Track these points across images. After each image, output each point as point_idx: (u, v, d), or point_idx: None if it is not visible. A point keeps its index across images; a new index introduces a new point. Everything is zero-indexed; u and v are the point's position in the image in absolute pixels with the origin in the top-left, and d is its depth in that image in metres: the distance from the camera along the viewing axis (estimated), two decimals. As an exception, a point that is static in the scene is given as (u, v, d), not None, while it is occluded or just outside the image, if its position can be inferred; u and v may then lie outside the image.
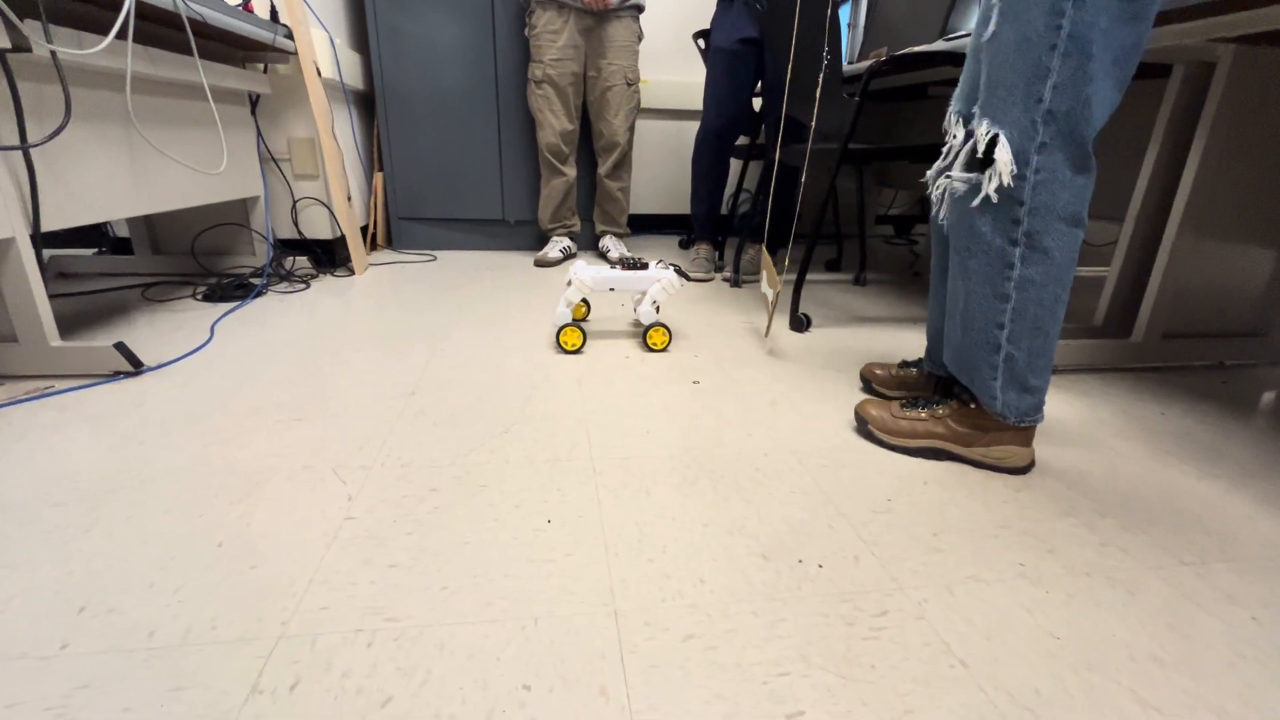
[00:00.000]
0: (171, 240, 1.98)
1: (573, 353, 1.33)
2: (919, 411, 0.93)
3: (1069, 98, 0.72)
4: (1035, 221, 0.77)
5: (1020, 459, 0.89)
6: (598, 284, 1.36)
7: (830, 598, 0.64)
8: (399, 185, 2.37)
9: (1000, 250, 0.80)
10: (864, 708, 0.52)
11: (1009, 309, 0.82)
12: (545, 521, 0.75)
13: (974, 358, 0.87)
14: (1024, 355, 0.83)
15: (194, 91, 1.53)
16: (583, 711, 0.50)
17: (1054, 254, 0.78)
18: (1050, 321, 0.82)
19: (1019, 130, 0.75)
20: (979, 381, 0.88)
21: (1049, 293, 0.80)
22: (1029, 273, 0.80)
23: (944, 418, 0.92)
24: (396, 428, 0.97)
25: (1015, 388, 0.85)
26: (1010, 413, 0.86)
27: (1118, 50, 0.70)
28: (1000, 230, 0.80)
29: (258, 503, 0.77)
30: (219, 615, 0.59)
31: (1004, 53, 0.75)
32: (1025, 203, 0.77)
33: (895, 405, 0.96)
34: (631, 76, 2.17)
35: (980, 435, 0.89)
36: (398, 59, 2.22)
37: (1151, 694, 0.54)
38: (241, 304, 1.63)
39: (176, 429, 0.95)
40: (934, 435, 0.91)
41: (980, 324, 0.85)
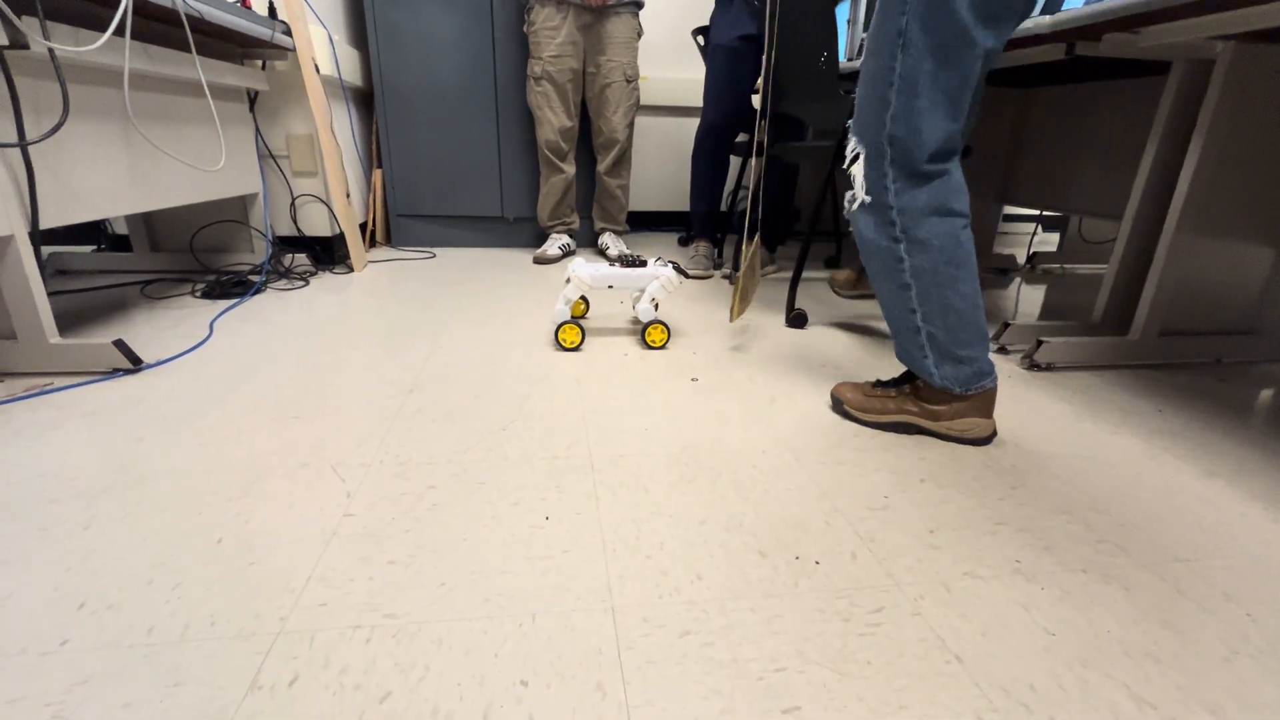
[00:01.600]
0: (170, 237, 1.97)
1: (571, 350, 1.33)
2: (889, 391, 1.02)
3: (903, 126, 0.85)
4: (905, 219, 0.89)
5: (982, 430, 0.96)
6: (596, 281, 1.36)
7: (827, 594, 0.64)
8: (398, 182, 2.37)
9: (888, 248, 0.91)
10: (859, 703, 0.52)
11: (913, 295, 0.92)
12: (543, 519, 0.75)
13: (904, 343, 0.97)
14: (942, 332, 0.92)
15: (192, 88, 1.53)
16: (580, 707, 0.51)
17: (933, 242, 0.88)
18: (955, 299, 0.90)
19: (874, 149, 0.89)
20: (915, 362, 0.97)
21: (943, 274, 0.89)
22: (917, 262, 0.90)
23: (910, 396, 1.00)
24: (395, 425, 0.97)
25: (947, 361, 0.94)
26: (952, 383, 0.94)
27: (945, 86, 0.83)
28: (882, 231, 0.91)
29: (256, 500, 0.77)
30: (218, 612, 0.59)
31: (865, 83, 0.89)
32: (893, 205, 0.89)
33: (867, 386, 1.05)
34: (631, 73, 2.16)
35: (944, 410, 0.97)
36: (396, 55, 2.22)
37: (1146, 690, 0.54)
38: (240, 301, 1.63)
39: (175, 426, 0.95)
40: (904, 411, 0.99)
41: (897, 313, 0.95)
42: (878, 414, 1.01)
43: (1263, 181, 1.24)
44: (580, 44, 2.09)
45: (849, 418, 1.04)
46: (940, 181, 0.87)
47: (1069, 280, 2.20)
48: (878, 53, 0.85)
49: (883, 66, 0.84)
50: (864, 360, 1.32)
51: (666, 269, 1.37)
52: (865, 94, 0.89)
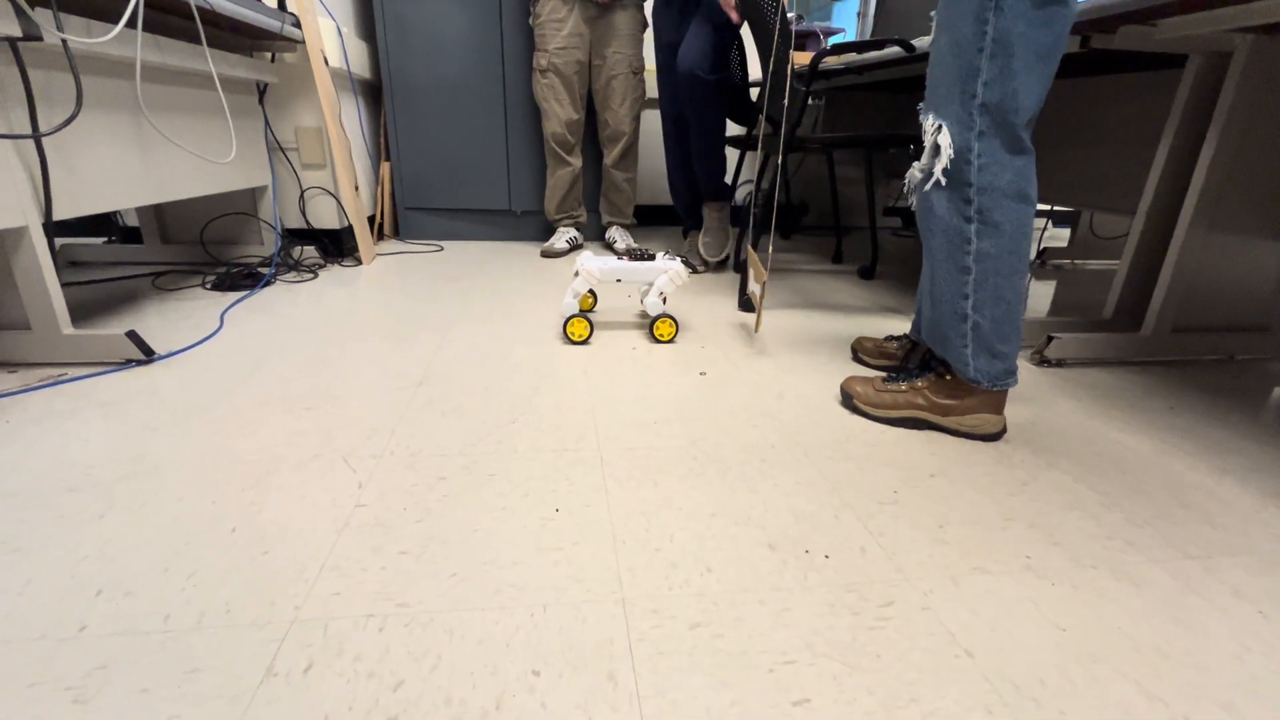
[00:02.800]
0: (180, 229, 1.98)
1: (579, 344, 1.34)
2: (899, 385, 1.01)
3: (998, 91, 0.83)
4: (984, 199, 0.87)
5: (993, 426, 0.96)
6: (605, 275, 1.36)
7: (836, 588, 0.64)
8: (406, 175, 2.37)
9: (957, 228, 0.90)
10: (869, 696, 0.52)
11: (970, 280, 0.91)
12: (553, 510, 0.76)
13: (945, 328, 0.96)
14: (989, 323, 0.91)
15: (203, 80, 1.53)
16: (591, 696, 0.51)
17: (1005, 227, 0.87)
18: (1009, 290, 0.90)
19: (958, 122, 0.86)
20: (952, 350, 0.95)
21: (1005, 263, 0.89)
22: (984, 246, 0.89)
23: (922, 389, 0.99)
24: (405, 417, 0.98)
25: (984, 353, 0.93)
26: (982, 377, 0.93)
27: (1038, 48, 0.81)
28: (955, 210, 0.90)
29: (269, 490, 0.78)
30: (233, 600, 0.60)
31: (943, 56, 0.87)
32: (973, 183, 0.87)
33: (878, 380, 1.03)
34: (637, 65, 2.15)
35: (956, 404, 0.96)
36: (404, 48, 2.22)
37: (1156, 686, 0.54)
38: (250, 293, 1.64)
39: (188, 417, 0.96)
40: (914, 406, 0.99)
41: (948, 296, 0.94)
42: (888, 409, 1.00)
43: (1278, 177, 1.23)
44: (586, 36, 2.08)
45: (858, 413, 1.03)
46: (1026, 160, 0.86)
47: (1080, 276, 2.19)
48: (960, 20, 0.83)
49: (969, 34, 0.82)
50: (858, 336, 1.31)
51: (675, 263, 1.37)
52: (947, 66, 0.86)
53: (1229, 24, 1.02)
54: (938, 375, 0.99)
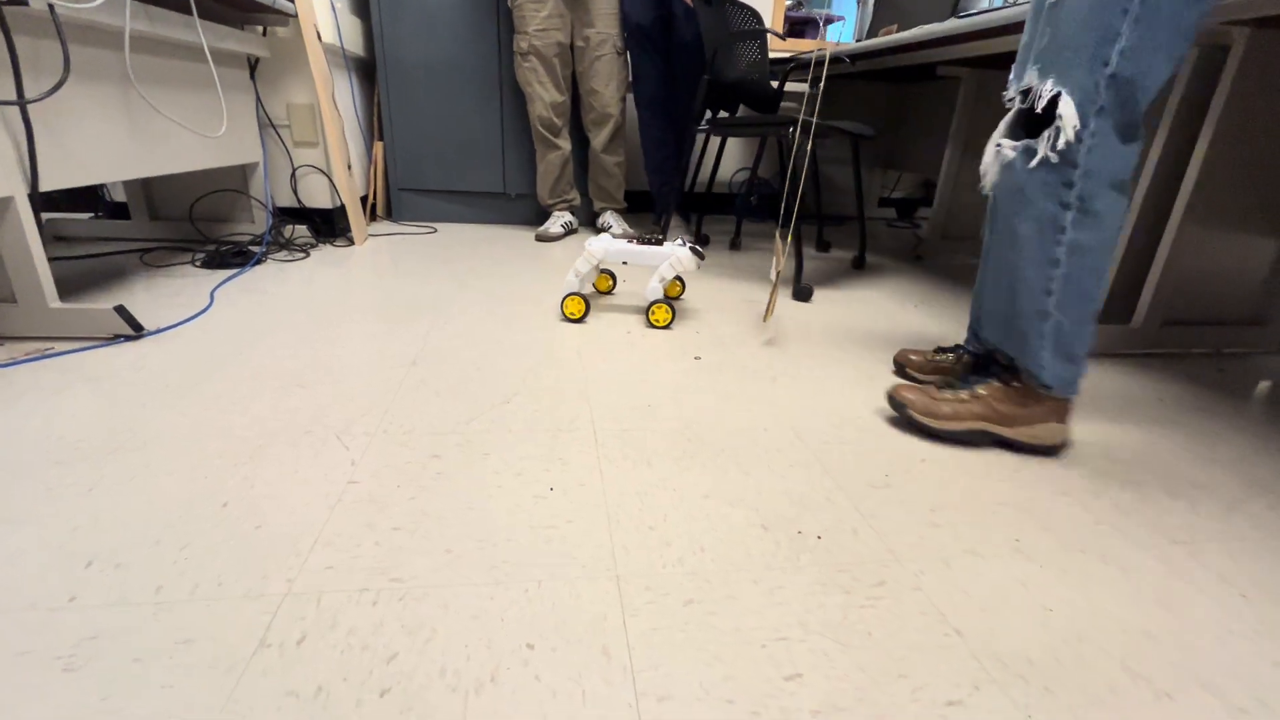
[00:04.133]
0: (169, 206, 1.95)
1: (575, 321, 1.34)
2: (960, 393, 0.91)
3: (1134, 64, 0.72)
4: (1088, 185, 0.78)
5: (1059, 435, 0.89)
6: (610, 256, 1.36)
7: (828, 568, 0.65)
8: (399, 155, 2.34)
9: (1052, 214, 0.81)
10: (860, 672, 0.53)
11: (1058, 275, 0.82)
12: (547, 489, 0.76)
13: (1023, 326, 0.87)
14: (1070, 323, 0.84)
15: (193, 53, 1.50)
16: (585, 670, 0.51)
17: (1104, 218, 0.79)
18: (1095, 289, 0.83)
19: (1082, 91, 0.75)
20: (1029, 351, 0.86)
21: (1097, 258, 0.81)
22: (1080, 237, 0.80)
23: (985, 398, 0.89)
24: (398, 396, 0.97)
25: (1062, 357, 0.85)
26: (1056, 383, 0.86)
27: (1181, 25, 0.72)
28: (1052, 194, 0.80)
29: (261, 465, 0.77)
30: (225, 572, 0.60)
31: (1076, 13, 0.74)
32: (1079, 165, 0.77)
33: (931, 388, 0.94)
34: (620, 45, 2.13)
35: (1022, 413, 0.88)
36: (399, 25, 2.18)
37: (1141, 665, 0.55)
38: (241, 271, 1.62)
39: (178, 392, 0.95)
40: (978, 417, 0.89)
41: (1030, 291, 0.85)
42: (949, 420, 0.90)
43: (1272, 172, 1.24)
44: (567, 17, 2.06)
45: (913, 424, 0.93)
46: (1134, 150, 0.77)
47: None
48: None
49: None
50: (870, 338, 1.32)
51: (682, 249, 1.36)
52: (1080, 23, 0.74)
53: (1225, 16, 1.02)
54: (1002, 382, 0.90)
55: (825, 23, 2.71)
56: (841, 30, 3.03)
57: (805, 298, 1.60)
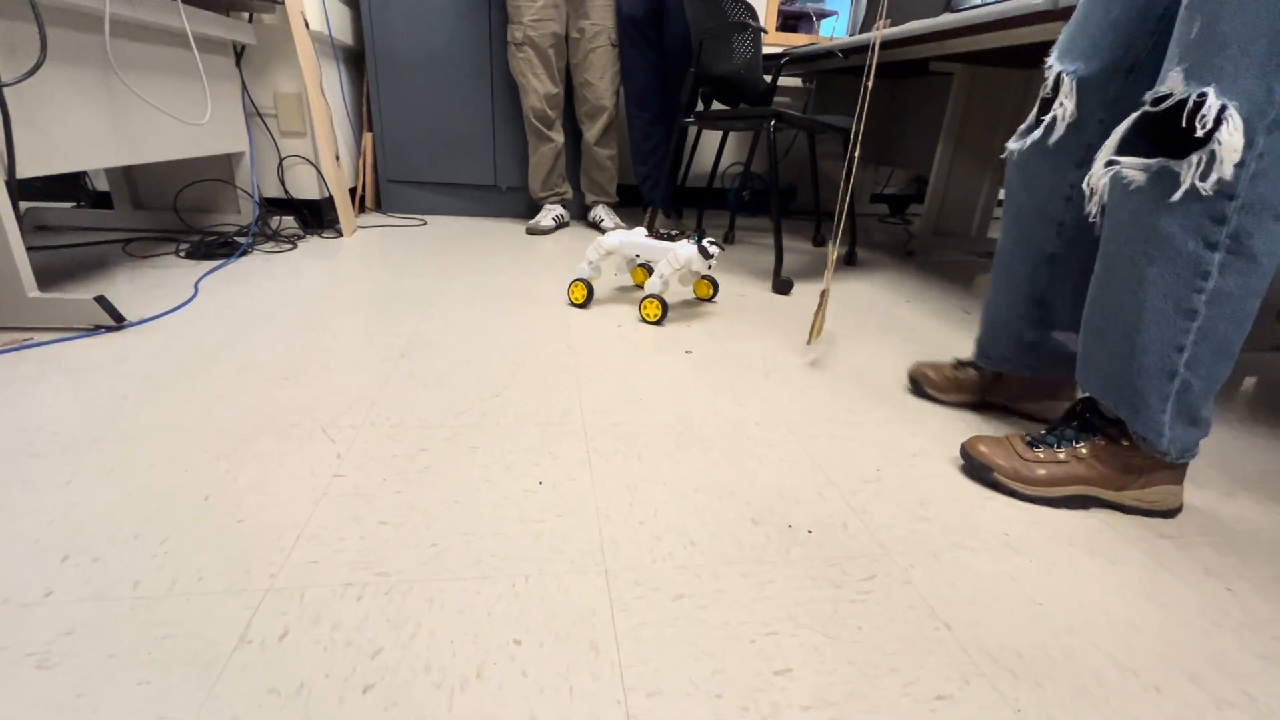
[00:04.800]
0: (153, 195, 1.92)
1: (578, 306, 1.39)
2: (1055, 452, 0.77)
3: None
4: (1247, 220, 0.61)
5: (1175, 499, 0.76)
6: (623, 247, 1.37)
7: (819, 562, 0.65)
8: (388, 146, 2.31)
9: (1194, 257, 0.64)
10: (850, 666, 0.52)
11: (1194, 328, 0.66)
12: (536, 483, 0.75)
13: (1141, 386, 0.70)
14: (1202, 383, 0.68)
15: (176, 38, 1.47)
16: (573, 665, 0.51)
17: (1261, 260, 0.62)
18: (1238, 340, 0.67)
19: (1251, 103, 0.58)
20: (1146, 415, 0.71)
21: (1245, 307, 0.65)
22: (1227, 284, 0.64)
23: (1088, 459, 0.76)
24: (386, 389, 0.96)
25: (1184, 420, 0.70)
26: (1174, 450, 0.71)
27: None
28: (1195, 231, 0.63)
29: (245, 459, 0.76)
30: (206, 567, 0.58)
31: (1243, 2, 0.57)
32: (1238, 196, 0.60)
33: (1017, 443, 0.79)
34: (614, 37, 2.11)
35: (1132, 477, 0.75)
36: (389, 14, 2.15)
37: (1128, 658, 0.55)
38: (226, 262, 1.60)
39: (160, 384, 0.93)
40: (1080, 480, 0.76)
41: (1156, 346, 0.68)
42: (1044, 485, 0.76)
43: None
44: (562, 8, 2.04)
45: (1000, 489, 0.79)
46: None
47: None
48: None
49: None
50: (860, 333, 1.32)
51: (686, 246, 1.31)
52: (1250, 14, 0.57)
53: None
54: (1108, 438, 0.76)
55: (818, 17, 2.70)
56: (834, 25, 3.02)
57: (785, 291, 1.60)
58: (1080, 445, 0.77)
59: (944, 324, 1.44)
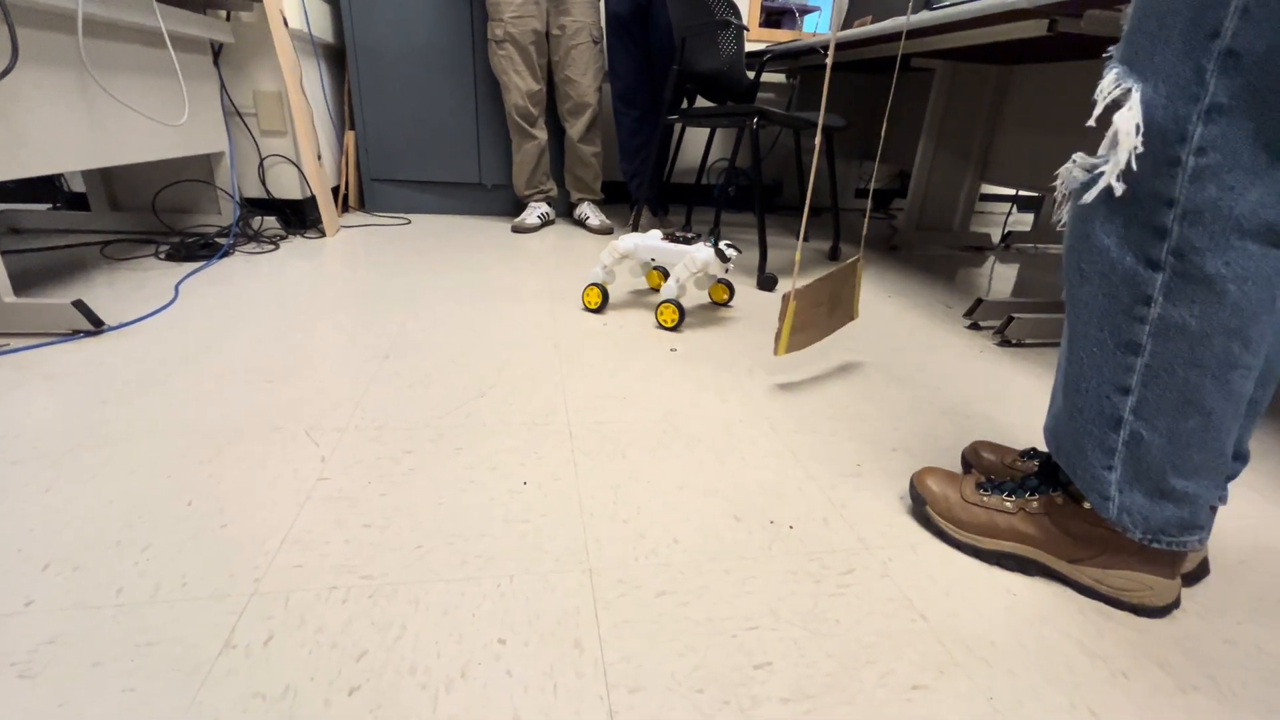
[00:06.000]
0: (131, 196, 1.90)
1: (593, 312, 1.37)
2: (1002, 498, 0.67)
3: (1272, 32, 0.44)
4: (1194, 233, 0.50)
5: (1157, 595, 0.60)
6: (638, 251, 1.35)
7: (799, 556, 0.66)
8: (371, 145, 2.30)
9: (1130, 275, 0.53)
10: (828, 659, 0.54)
11: (1139, 365, 0.55)
12: (521, 483, 0.75)
13: (1077, 431, 0.60)
14: (1161, 439, 0.55)
15: (152, 38, 1.45)
16: (557, 663, 0.51)
17: (1224, 286, 0.50)
18: (1215, 395, 0.53)
19: (1170, 84, 0.48)
20: (1082, 468, 0.60)
21: (1213, 347, 0.52)
22: (1176, 314, 0.52)
23: (1039, 514, 0.64)
24: (370, 390, 0.96)
25: (1143, 486, 0.57)
26: (1133, 523, 0.58)
27: None
28: (1130, 242, 0.53)
29: (227, 463, 0.76)
30: (189, 572, 0.58)
31: None
32: (1176, 202, 0.50)
33: (969, 484, 0.70)
34: (596, 34, 2.11)
35: (1087, 550, 0.62)
36: (370, 11, 2.13)
37: (1099, 645, 0.57)
38: (207, 264, 1.58)
39: (140, 389, 0.92)
40: (1021, 537, 0.65)
41: (1091, 383, 0.58)
42: (977, 534, 0.67)
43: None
44: (542, 4, 2.03)
45: (931, 527, 0.70)
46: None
47: (1042, 259, 2.24)
48: None
49: None
50: (844, 329, 1.33)
51: (703, 250, 1.28)
52: None
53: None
54: (1069, 496, 0.64)
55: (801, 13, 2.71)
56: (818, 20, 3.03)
57: (769, 287, 1.61)
58: (1033, 498, 0.65)
59: (927, 319, 1.46)
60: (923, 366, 1.18)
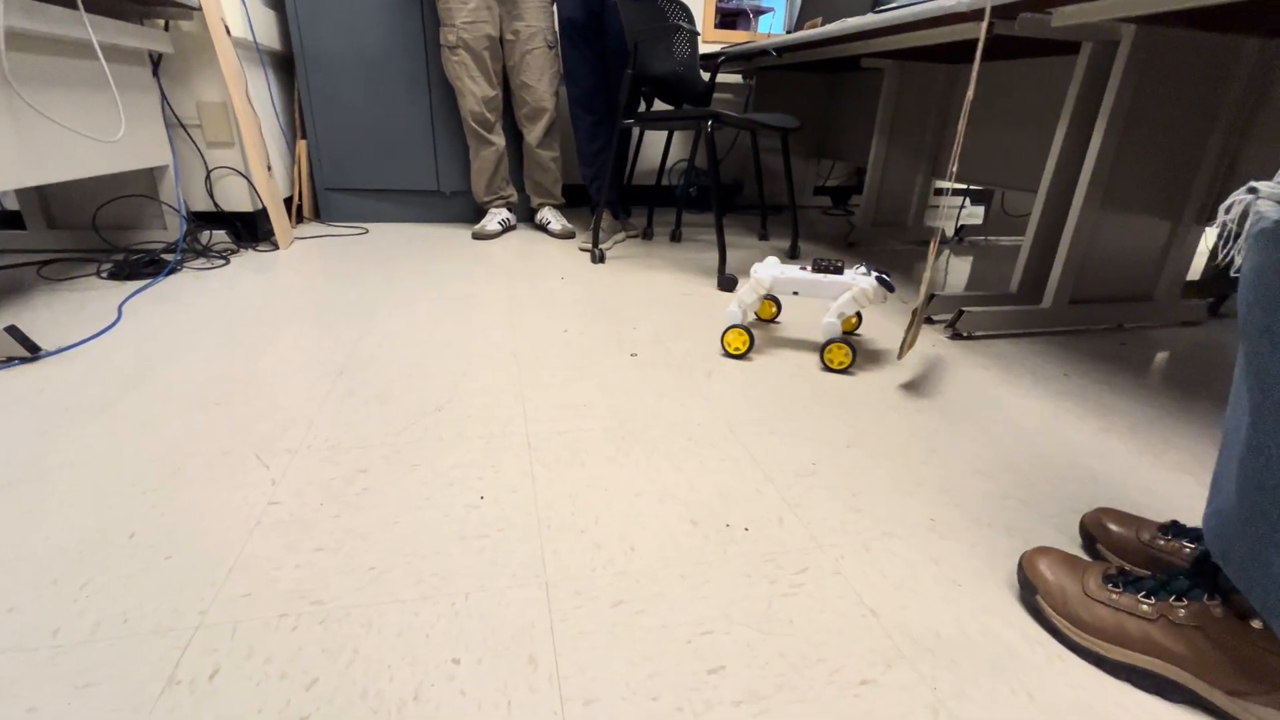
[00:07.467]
0: (69, 213, 1.83)
1: (738, 357, 1.20)
2: (1138, 599, 0.55)
3: None
4: None
5: None
6: (778, 285, 1.22)
7: (755, 558, 0.67)
8: (324, 154, 2.25)
9: None
10: (781, 659, 0.55)
11: None
12: (478, 498, 0.75)
13: (1258, 539, 0.46)
14: None
15: (82, 49, 1.40)
16: (511, 680, 0.52)
17: None
18: None
19: None
20: (1263, 586, 0.46)
21: None
22: None
23: (1188, 626, 0.52)
24: (324, 408, 0.94)
25: None
26: None
27: None
28: None
29: (173, 491, 0.74)
30: (131, 608, 0.57)
31: None
32: None
33: (1096, 575, 0.58)
34: (551, 39, 2.10)
35: (1263, 683, 0.49)
36: (317, 17, 2.09)
37: (1040, 631, 0.59)
38: (153, 282, 1.53)
39: (81, 417, 0.89)
40: (1161, 651, 0.52)
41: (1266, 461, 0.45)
42: (1105, 641, 0.55)
43: (1159, 157, 1.33)
44: (495, 9, 2.02)
45: (1041, 619, 0.59)
46: None
47: (993, 251, 2.31)
48: None
49: None
50: (800, 327, 1.35)
51: (867, 279, 1.18)
52: None
53: (1115, 14, 1.08)
54: (1229, 609, 0.51)
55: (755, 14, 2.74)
56: (772, 21, 3.07)
57: (730, 288, 1.63)
58: (1180, 603, 0.52)
59: (883, 315, 1.49)
60: (878, 362, 1.20)
